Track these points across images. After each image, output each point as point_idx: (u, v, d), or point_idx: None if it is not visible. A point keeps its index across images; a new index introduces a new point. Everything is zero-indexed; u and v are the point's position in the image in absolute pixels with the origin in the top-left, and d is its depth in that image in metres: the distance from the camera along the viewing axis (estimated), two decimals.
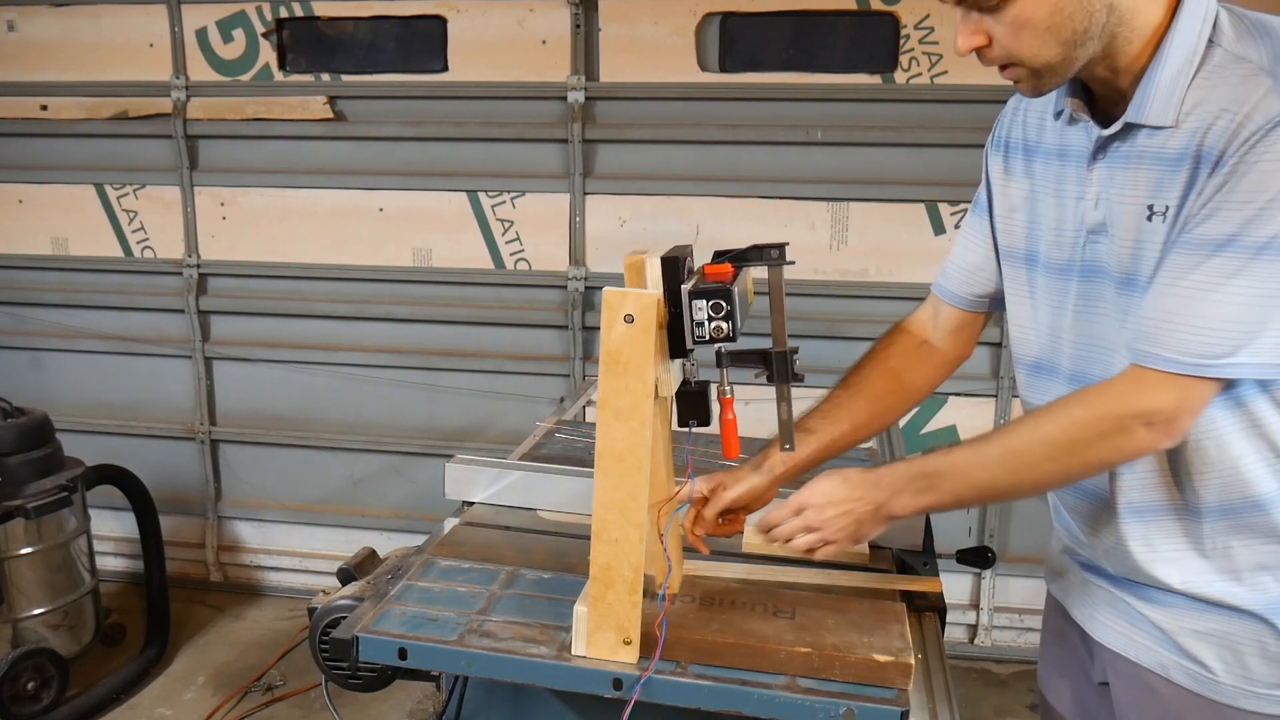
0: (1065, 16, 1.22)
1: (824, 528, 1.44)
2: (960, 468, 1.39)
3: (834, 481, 1.45)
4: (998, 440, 1.37)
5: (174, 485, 4.13)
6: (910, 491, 1.41)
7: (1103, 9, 1.23)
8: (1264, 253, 1.17)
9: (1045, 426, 1.33)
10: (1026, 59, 1.26)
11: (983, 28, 1.26)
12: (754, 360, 1.43)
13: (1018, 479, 1.35)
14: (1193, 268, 1.22)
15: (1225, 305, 1.20)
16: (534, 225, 3.79)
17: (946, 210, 3.52)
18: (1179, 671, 1.41)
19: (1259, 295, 1.19)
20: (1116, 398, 1.28)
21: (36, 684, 3.14)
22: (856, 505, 1.42)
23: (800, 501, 1.46)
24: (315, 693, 3.38)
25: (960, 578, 3.72)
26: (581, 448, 2.30)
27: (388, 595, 1.60)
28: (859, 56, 3.51)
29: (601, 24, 3.61)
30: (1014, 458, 1.34)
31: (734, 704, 1.37)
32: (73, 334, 4.15)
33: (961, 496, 1.41)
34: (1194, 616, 1.39)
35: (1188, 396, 1.25)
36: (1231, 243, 1.19)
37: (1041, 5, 1.21)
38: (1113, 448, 1.29)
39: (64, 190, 4.07)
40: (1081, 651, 1.58)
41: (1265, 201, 1.16)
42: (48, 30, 3.93)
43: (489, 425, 3.93)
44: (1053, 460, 1.32)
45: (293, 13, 3.77)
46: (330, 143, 3.85)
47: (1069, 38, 1.23)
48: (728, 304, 1.33)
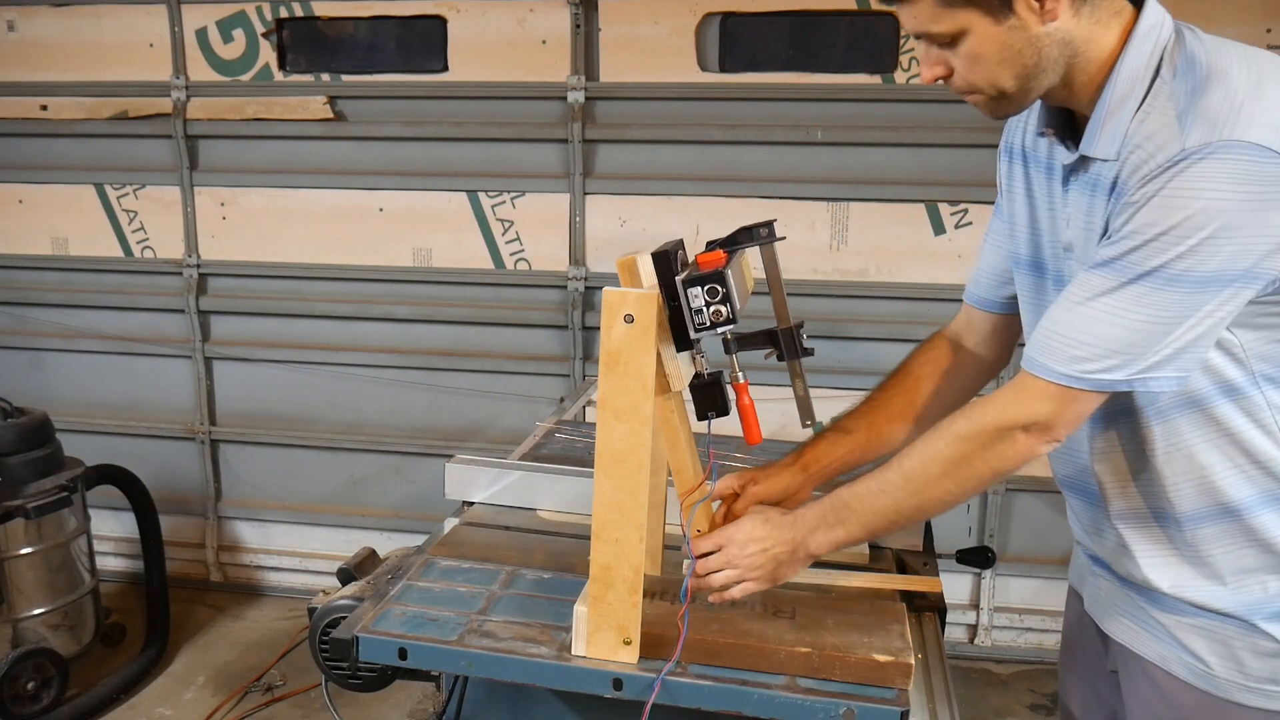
0: (1015, 52, 1.26)
1: (741, 565, 1.44)
2: (864, 497, 1.40)
3: (755, 521, 1.46)
4: (896, 465, 1.39)
5: (174, 485, 4.13)
6: (824, 527, 1.42)
7: (1053, 44, 1.26)
8: (1144, 279, 1.21)
9: (935, 444, 1.36)
10: (984, 89, 1.31)
11: (942, 59, 1.31)
12: (761, 341, 1.44)
13: (919, 500, 1.38)
14: (1082, 285, 1.28)
15: (1103, 324, 1.24)
16: (534, 225, 3.78)
17: (946, 210, 3.52)
18: (1179, 665, 1.43)
19: (1138, 319, 1.22)
20: (997, 408, 1.33)
21: (36, 684, 3.14)
22: (774, 545, 1.43)
23: (723, 538, 1.46)
24: (315, 693, 3.38)
25: (960, 578, 3.72)
26: (581, 448, 2.30)
27: (388, 595, 1.60)
28: (859, 56, 3.51)
29: (601, 24, 3.61)
30: (912, 479, 1.37)
31: (734, 704, 1.37)
32: (73, 334, 4.15)
33: (871, 525, 1.42)
34: (1189, 615, 1.41)
35: (1065, 406, 1.29)
36: (1116, 267, 1.23)
37: (990, 42, 1.26)
38: (998, 455, 1.33)
39: (64, 190, 4.06)
40: (1096, 642, 1.61)
41: (1154, 234, 1.20)
42: (48, 30, 3.93)
43: (489, 425, 3.93)
44: (948, 476, 1.35)
45: (293, 13, 3.77)
46: (330, 143, 3.85)
47: (1021, 71, 1.27)
48: (723, 287, 1.34)
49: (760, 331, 1.44)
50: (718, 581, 1.46)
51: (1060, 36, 1.25)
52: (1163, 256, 1.20)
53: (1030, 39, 1.25)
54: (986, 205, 3.40)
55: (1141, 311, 1.22)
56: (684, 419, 1.47)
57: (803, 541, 1.43)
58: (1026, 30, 1.24)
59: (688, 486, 1.49)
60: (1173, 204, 1.18)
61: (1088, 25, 1.26)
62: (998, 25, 1.24)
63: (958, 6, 1.25)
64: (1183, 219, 1.18)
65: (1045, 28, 1.25)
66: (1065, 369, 1.28)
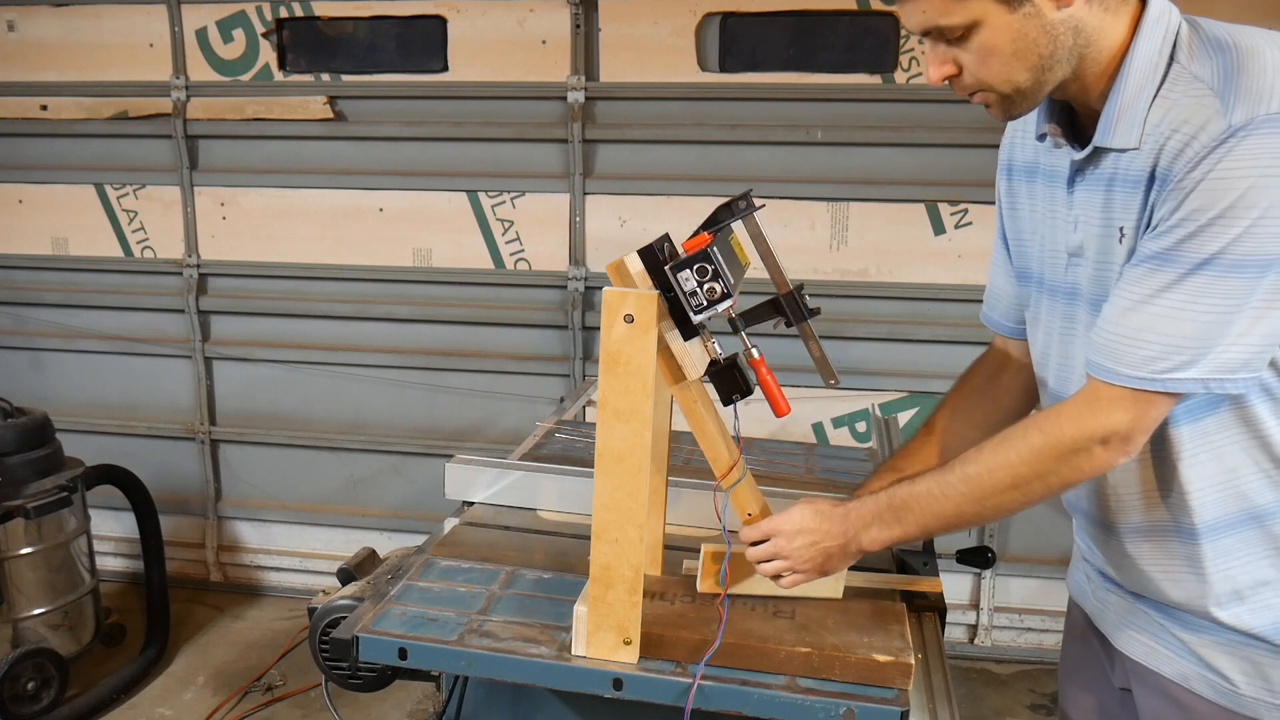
0: (1029, 42, 1.22)
1: (792, 557, 1.44)
2: (924, 499, 1.39)
3: (805, 512, 1.45)
4: (959, 469, 1.37)
5: (174, 485, 4.13)
6: (878, 524, 1.41)
7: (1068, 32, 1.23)
8: (1205, 268, 1.18)
9: (1005, 454, 1.34)
10: (996, 85, 1.27)
11: (951, 57, 1.27)
12: (767, 312, 1.44)
13: (981, 507, 1.36)
14: (1139, 282, 1.24)
15: (1170, 320, 1.21)
16: (534, 225, 3.79)
17: (946, 210, 3.52)
18: (1201, 683, 1.40)
19: (1203, 310, 1.19)
20: (1071, 421, 1.29)
21: (36, 684, 3.14)
22: (825, 538, 1.43)
23: (771, 528, 1.45)
24: (315, 693, 3.38)
25: (960, 578, 3.72)
26: (581, 448, 2.30)
27: (388, 595, 1.60)
28: (859, 56, 3.51)
29: (601, 24, 3.61)
30: (976, 486, 1.35)
31: (734, 704, 1.37)
32: (73, 334, 4.15)
33: (928, 526, 1.41)
34: (1211, 633, 1.38)
35: (1142, 412, 1.26)
36: (1171, 258, 1.20)
37: (1004, 32, 1.22)
38: (1073, 469, 1.30)
39: (64, 190, 4.06)
40: (1102, 657, 1.58)
41: (1208, 219, 1.16)
42: (48, 30, 3.93)
43: (489, 425, 3.93)
44: (1016, 487, 1.33)
45: (293, 13, 3.77)
46: (330, 143, 3.85)
47: (1036, 62, 1.24)
48: (710, 264, 1.34)
49: (763, 303, 1.44)
50: (767, 571, 1.46)
51: (1074, 24, 1.22)
52: (1219, 241, 1.16)
53: (1045, 26, 1.22)
54: (986, 205, 3.43)
55: (1205, 302, 1.18)
56: (709, 404, 1.46)
57: (855, 536, 1.42)
58: (1041, 17, 1.21)
59: (724, 469, 1.48)
60: (1223, 185, 1.15)
61: (1099, 13, 1.24)
62: (1012, 13, 1.21)
63: None
64: (1235, 199, 1.14)
65: (1060, 14, 1.22)
66: (1137, 371, 1.24)
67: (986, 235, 3.46)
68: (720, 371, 1.43)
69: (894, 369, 3.63)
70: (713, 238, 1.37)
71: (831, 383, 1.47)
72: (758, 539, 1.46)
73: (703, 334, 1.40)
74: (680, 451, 2.29)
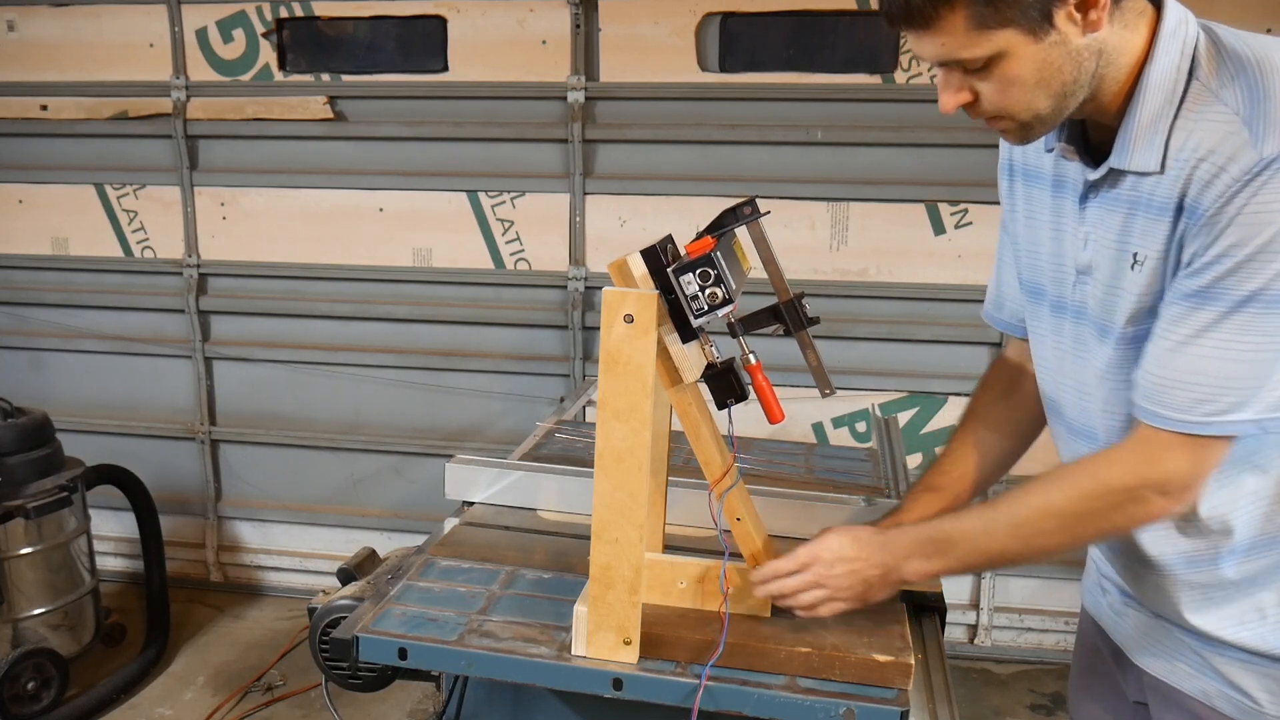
0: (1054, 70, 1.18)
1: (831, 585, 1.40)
2: (970, 536, 1.36)
3: (844, 540, 1.41)
4: (1005, 510, 1.34)
5: (174, 485, 4.13)
6: (920, 557, 1.38)
7: (1091, 57, 1.18)
8: (1247, 306, 1.15)
9: (1054, 497, 1.30)
10: (1017, 113, 1.22)
11: (968, 84, 1.22)
12: (766, 318, 1.43)
13: (1027, 548, 1.33)
14: (1179, 322, 1.20)
15: (1215, 361, 1.18)
16: (534, 225, 3.78)
17: (946, 210, 3.52)
18: (1223, 700, 1.38)
19: (1249, 349, 1.16)
20: (1127, 469, 1.26)
21: (36, 684, 3.14)
22: (865, 567, 1.39)
23: (809, 556, 1.41)
24: (315, 693, 3.38)
25: (960, 578, 3.72)
26: (581, 448, 2.30)
27: (388, 595, 1.60)
28: (859, 56, 3.51)
29: (601, 24, 3.61)
30: (1023, 528, 1.32)
31: (734, 704, 1.37)
32: (73, 334, 4.15)
33: (972, 563, 1.40)
34: (1234, 653, 1.36)
35: (1199, 458, 1.23)
36: (1212, 296, 1.16)
37: (1029, 62, 1.17)
38: (1127, 516, 1.27)
39: (64, 190, 4.06)
40: (1114, 669, 1.56)
41: (1246, 255, 1.13)
42: (48, 30, 3.93)
43: (489, 425, 3.93)
44: (1064, 531, 1.30)
45: (293, 13, 3.77)
46: (330, 143, 3.85)
47: (1059, 90, 1.19)
48: (713, 269, 1.33)
49: (763, 310, 1.42)
50: (805, 601, 1.42)
51: (1098, 47, 1.18)
52: (1260, 278, 1.13)
53: (1070, 53, 1.17)
54: (986, 205, 3.43)
55: (1250, 340, 1.16)
56: (703, 409, 1.45)
57: (896, 567, 1.38)
58: (1067, 45, 1.16)
59: (717, 474, 1.46)
60: (1259, 220, 1.11)
61: (1119, 31, 1.19)
62: (1038, 43, 1.15)
63: (994, 28, 1.14)
64: (1273, 234, 1.11)
65: (1085, 39, 1.17)
66: (1187, 415, 1.20)
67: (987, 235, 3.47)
68: (716, 375, 1.42)
69: (894, 369, 3.63)
70: (716, 242, 1.36)
71: (827, 393, 1.45)
72: (793, 569, 1.42)
73: (701, 337, 1.40)
74: (680, 451, 2.29)
